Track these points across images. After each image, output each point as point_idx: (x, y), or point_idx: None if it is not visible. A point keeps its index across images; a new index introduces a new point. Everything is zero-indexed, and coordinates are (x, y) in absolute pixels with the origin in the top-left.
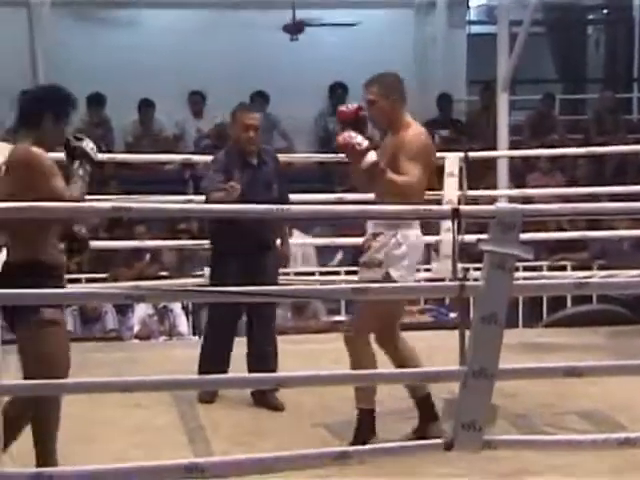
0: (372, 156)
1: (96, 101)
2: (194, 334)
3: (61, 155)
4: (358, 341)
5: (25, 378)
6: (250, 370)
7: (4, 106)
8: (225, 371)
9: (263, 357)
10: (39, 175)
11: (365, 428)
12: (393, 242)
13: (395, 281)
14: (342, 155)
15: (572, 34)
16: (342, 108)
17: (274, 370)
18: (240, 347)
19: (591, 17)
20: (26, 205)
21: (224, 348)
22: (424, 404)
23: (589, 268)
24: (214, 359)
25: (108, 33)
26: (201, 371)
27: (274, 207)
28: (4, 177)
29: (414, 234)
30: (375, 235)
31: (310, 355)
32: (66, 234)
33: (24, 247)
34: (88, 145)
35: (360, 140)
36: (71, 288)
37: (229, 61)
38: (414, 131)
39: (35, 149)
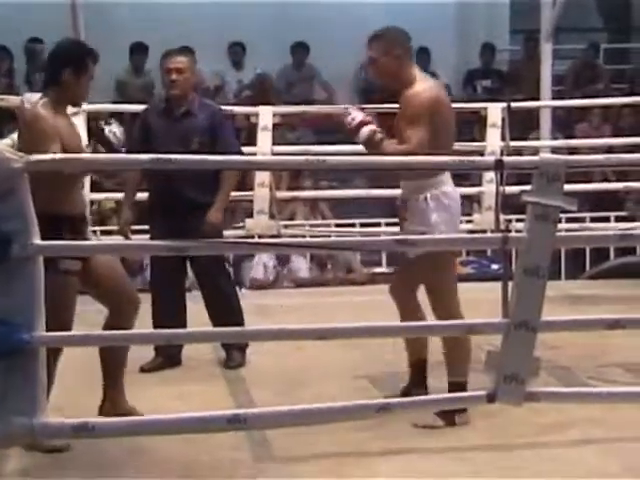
0: (365, 131)
1: (138, 50)
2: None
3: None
4: (404, 293)
5: None
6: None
7: None
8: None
9: (225, 312)
10: (37, 137)
11: (418, 380)
12: (428, 207)
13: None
14: (384, 105)
15: None
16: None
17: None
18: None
19: None
20: (65, 156)
21: (171, 304)
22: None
23: (633, 219)
24: (165, 315)
25: None
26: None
27: (314, 158)
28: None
29: (449, 191)
30: (404, 202)
31: (358, 307)
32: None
33: (40, 200)
34: (112, 131)
35: (353, 116)
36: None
37: (269, 12)
38: (418, 87)
39: (42, 111)
